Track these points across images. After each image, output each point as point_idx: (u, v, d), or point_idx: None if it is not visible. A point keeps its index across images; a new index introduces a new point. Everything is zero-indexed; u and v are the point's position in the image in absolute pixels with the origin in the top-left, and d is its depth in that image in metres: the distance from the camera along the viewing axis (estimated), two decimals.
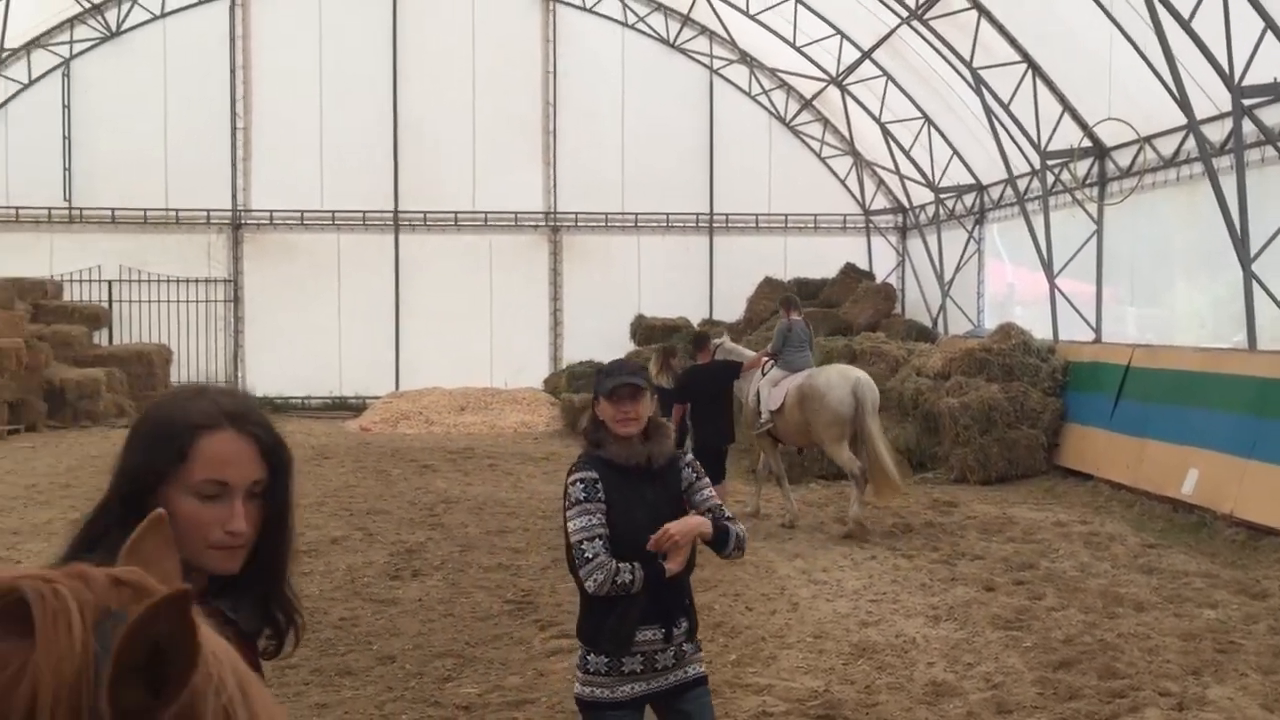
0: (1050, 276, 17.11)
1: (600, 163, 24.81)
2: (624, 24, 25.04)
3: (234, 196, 24.62)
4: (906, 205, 24.63)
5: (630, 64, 25.00)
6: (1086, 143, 16.44)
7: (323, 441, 19.16)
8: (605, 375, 4.04)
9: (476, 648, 7.63)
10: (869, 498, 11.77)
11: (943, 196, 22.24)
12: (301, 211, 24.58)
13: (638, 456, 3.93)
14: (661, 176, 24.80)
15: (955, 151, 20.92)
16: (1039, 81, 16.60)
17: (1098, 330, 16.64)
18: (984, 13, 16.46)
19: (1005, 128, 17.43)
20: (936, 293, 22.82)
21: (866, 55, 20.99)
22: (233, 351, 24.75)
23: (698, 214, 25.31)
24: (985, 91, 17.17)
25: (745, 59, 24.86)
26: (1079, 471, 14.62)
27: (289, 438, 2.10)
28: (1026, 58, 16.60)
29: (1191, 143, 13.51)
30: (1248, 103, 12.07)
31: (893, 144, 22.57)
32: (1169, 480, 12.50)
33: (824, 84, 23.25)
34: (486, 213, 24.86)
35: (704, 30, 24.85)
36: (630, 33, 25.07)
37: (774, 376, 12.31)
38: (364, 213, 24.66)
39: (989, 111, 17.32)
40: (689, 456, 4.16)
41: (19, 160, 23.89)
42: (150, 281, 24.22)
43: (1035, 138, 16.78)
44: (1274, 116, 12.23)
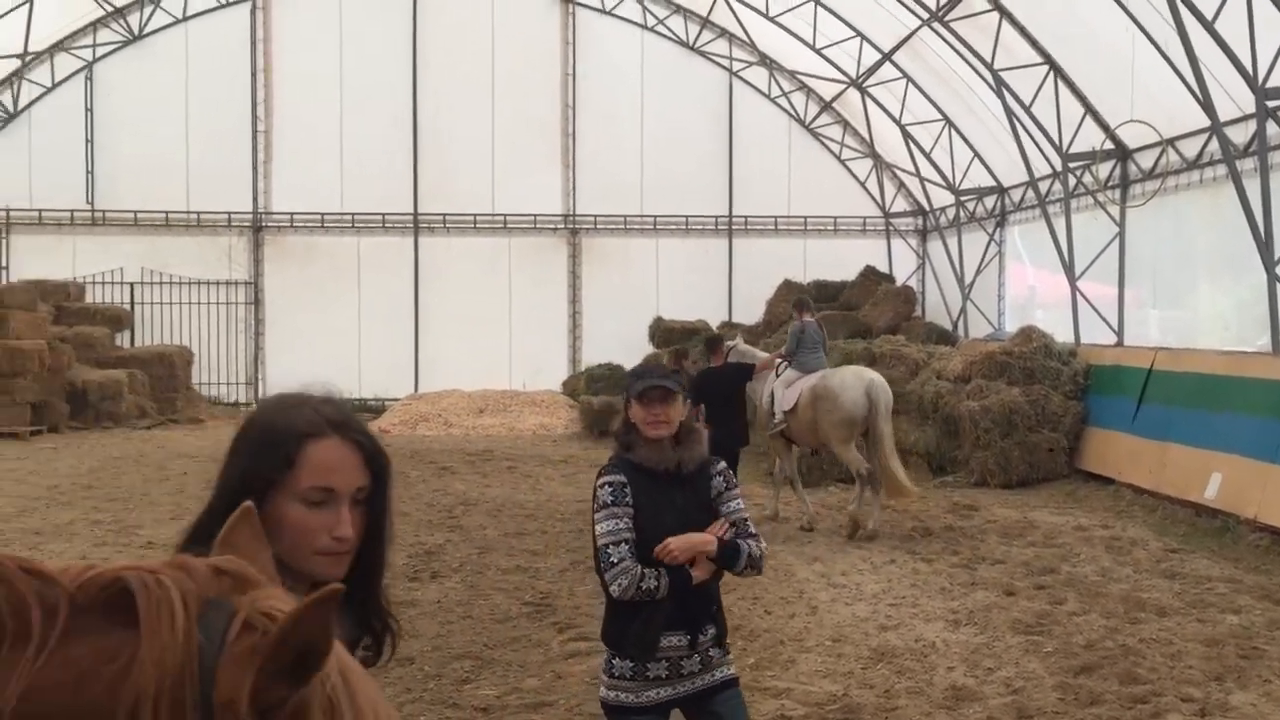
0: (1072, 279, 17.02)
1: (619, 165, 24.81)
2: (643, 26, 25.04)
3: (255, 199, 24.75)
4: (927, 207, 24.55)
5: (649, 66, 25.00)
6: (1108, 144, 16.34)
7: None
8: (637, 377, 4.03)
9: (495, 650, 7.63)
10: (883, 500, 11.74)
11: (963, 199, 22.15)
12: (322, 214, 24.68)
13: (667, 461, 3.90)
14: (681, 179, 24.78)
15: (976, 153, 20.84)
16: (1060, 83, 16.52)
17: (1120, 333, 16.54)
18: (1005, 14, 16.38)
19: (1026, 129, 17.35)
20: (957, 295, 22.73)
21: (887, 57, 20.94)
22: (253, 353, 24.86)
23: (717, 216, 25.29)
24: (1006, 93, 17.09)
25: (765, 61, 24.82)
26: (1100, 475, 14.53)
27: None
28: (1048, 59, 16.51)
29: (1215, 144, 13.42)
30: (1271, 104, 11.98)
31: (913, 146, 22.50)
32: (1192, 485, 12.40)
33: (844, 86, 23.19)
34: (506, 215, 24.91)
35: (723, 33, 24.83)
36: (650, 35, 25.07)
37: (788, 377, 12.32)
38: (384, 215, 24.74)
39: (1010, 113, 17.24)
40: (722, 464, 4.10)
41: (42, 163, 24.08)
42: (172, 283, 24.36)
43: (1057, 139, 16.69)
44: None
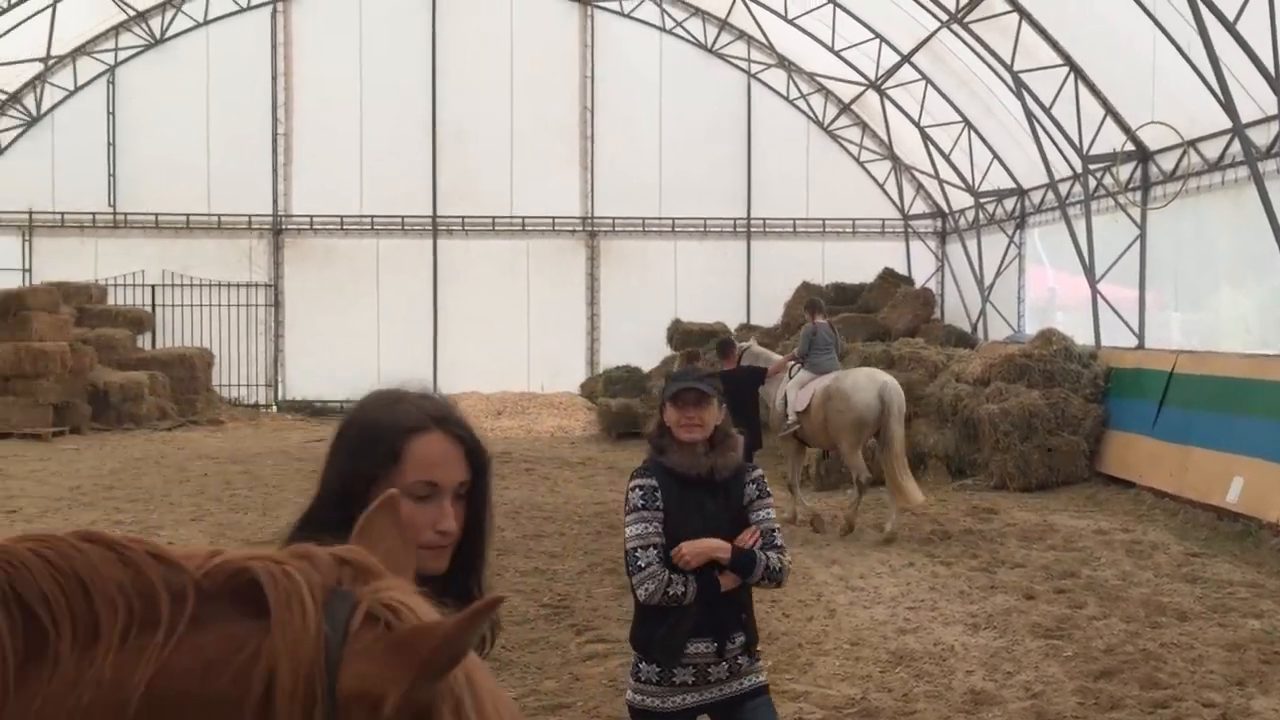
0: (1092, 281, 16.93)
1: (638, 167, 24.81)
2: (662, 29, 25.05)
3: (275, 202, 24.87)
4: (946, 210, 24.46)
5: (668, 69, 25.00)
6: (1129, 146, 16.26)
7: None
8: (672, 380, 4.03)
9: (513, 651, 7.63)
10: (898, 504, 11.74)
11: (983, 201, 22.07)
12: (341, 217, 24.78)
13: (700, 467, 3.86)
14: (699, 181, 24.76)
15: (995, 155, 20.75)
16: (1081, 84, 16.43)
17: (1140, 336, 16.44)
18: (1025, 15, 16.31)
19: (1046, 131, 17.27)
20: (976, 298, 22.64)
21: (906, 59, 20.87)
22: (273, 355, 24.98)
23: (735, 219, 25.27)
24: (1026, 94, 17.02)
25: (783, 63, 24.79)
26: (1121, 479, 14.44)
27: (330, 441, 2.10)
28: (1068, 60, 16.43)
29: (1237, 146, 13.32)
30: None
31: (932, 148, 22.43)
32: (1213, 488, 12.32)
33: (863, 88, 23.13)
34: (524, 218, 24.95)
35: (742, 35, 24.81)
36: (668, 38, 25.07)
37: (801, 379, 12.34)
38: (403, 218, 24.82)
39: (1030, 115, 17.16)
40: (757, 472, 4.05)
41: (65, 166, 24.26)
42: (192, 285, 24.50)
43: (1077, 141, 16.61)
44: None
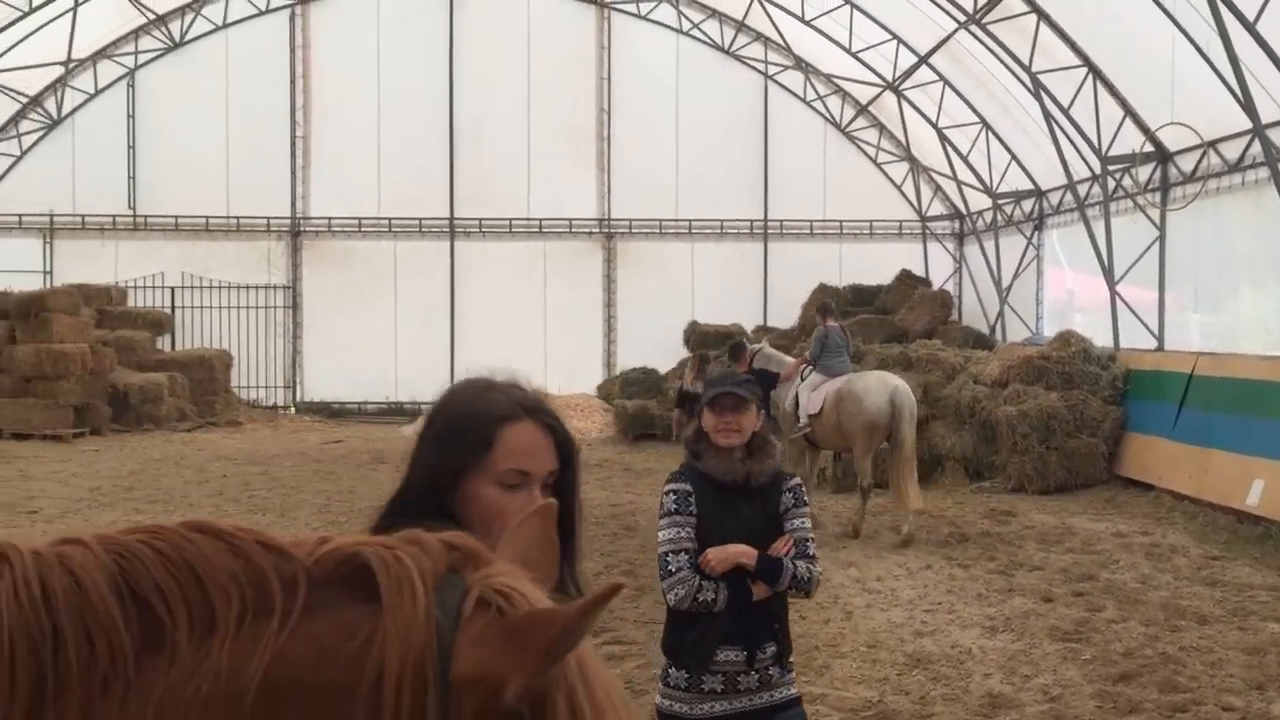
0: (1111, 283, 16.85)
1: (654, 169, 24.82)
2: (678, 31, 25.05)
3: (293, 204, 24.98)
4: (964, 211, 24.38)
5: (684, 70, 25.00)
6: (1148, 147, 16.18)
7: (379, 446, 19.31)
8: (710, 384, 4.00)
9: None
10: (899, 508, 11.77)
11: (1001, 202, 21.98)
12: (359, 219, 24.87)
13: (735, 473, 3.84)
14: (716, 183, 24.76)
15: (1014, 157, 20.67)
16: (1099, 85, 16.36)
17: (1160, 338, 16.35)
18: (1043, 16, 16.25)
19: (1065, 132, 17.19)
20: (994, 299, 22.56)
21: (923, 60, 20.81)
22: (291, 357, 25.09)
23: (752, 220, 25.24)
24: (1044, 96, 16.95)
25: (800, 65, 24.75)
26: (1140, 482, 14.37)
27: (348, 442, 2.11)
28: (1087, 61, 16.36)
29: (1257, 147, 13.24)
30: None
31: (950, 150, 22.36)
32: (1234, 491, 12.25)
33: (880, 89, 23.07)
34: (541, 219, 24.99)
35: (759, 36, 24.79)
36: (685, 39, 25.08)
37: (813, 381, 12.32)
38: (420, 220, 24.89)
39: (1048, 116, 17.09)
40: (795, 480, 4.01)
41: (85, 169, 24.43)
42: (211, 287, 24.62)
43: (1096, 142, 16.53)
44: None
